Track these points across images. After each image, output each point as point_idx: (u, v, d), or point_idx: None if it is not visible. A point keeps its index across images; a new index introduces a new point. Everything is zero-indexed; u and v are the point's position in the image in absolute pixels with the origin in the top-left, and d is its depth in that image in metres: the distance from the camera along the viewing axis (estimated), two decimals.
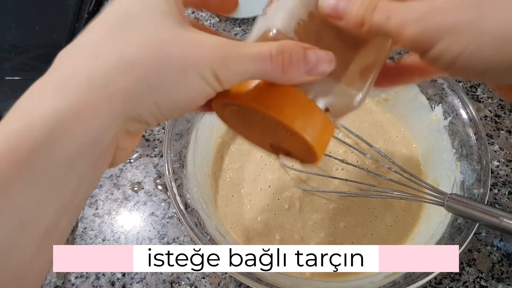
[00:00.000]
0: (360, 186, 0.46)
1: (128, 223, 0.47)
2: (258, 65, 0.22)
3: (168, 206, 0.48)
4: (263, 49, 0.22)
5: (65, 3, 0.62)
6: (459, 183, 0.41)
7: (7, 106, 0.20)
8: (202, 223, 0.38)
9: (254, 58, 0.22)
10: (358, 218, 0.45)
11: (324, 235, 0.44)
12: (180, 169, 0.41)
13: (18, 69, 0.55)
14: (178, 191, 0.39)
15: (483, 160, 0.40)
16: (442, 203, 0.37)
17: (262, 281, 0.35)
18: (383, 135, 0.50)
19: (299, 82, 0.23)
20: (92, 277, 0.43)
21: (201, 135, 0.45)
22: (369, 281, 0.38)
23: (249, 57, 0.22)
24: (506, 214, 0.34)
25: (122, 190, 0.49)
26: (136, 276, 0.43)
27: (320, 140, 0.25)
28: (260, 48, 0.22)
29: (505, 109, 0.55)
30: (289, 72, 0.22)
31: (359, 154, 0.48)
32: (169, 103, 0.21)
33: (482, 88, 0.57)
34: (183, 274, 0.43)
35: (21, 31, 0.60)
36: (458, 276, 0.43)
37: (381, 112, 0.52)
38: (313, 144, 0.24)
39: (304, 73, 0.23)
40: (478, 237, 0.45)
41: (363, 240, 0.44)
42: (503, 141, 0.52)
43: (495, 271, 0.43)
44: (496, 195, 0.48)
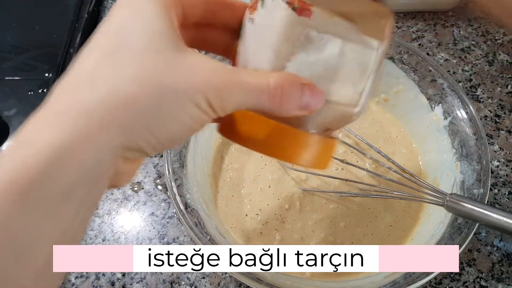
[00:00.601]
0: (360, 186, 0.46)
1: (128, 223, 0.47)
2: (254, 98, 0.22)
3: (168, 206, 0.48)
4: (261, 81, 0.22)
5: (65, 3, 0.62)
6: (459, 183, 0.41)
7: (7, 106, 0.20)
8: (202, 223, 0.38)
9: (251, 90, 0.22)
10: (358, 218, 0.45)
11: (324, 235, 0.44)
12: (180, 169, 0.41)
13: (18, 69, 0.55)
14: (178, 191, 0.39)
15: (483, 160, 0.40)
16: (442, 203, 0.37)
17: (262, 281, 0.35)
18: (383, 135, 0.50)
19: (291, 116, 0.23)
20: (92, 277, 0.43)
21: (201, 135, 0.45)
22: (369, 281, 0.38)
23: (246, 88, 0.22)
24: (506, 214, 0.34)
25: (122, 190, 0.49)
26: (136, 276, 0.43)
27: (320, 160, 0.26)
28: (258, 80, 0.22)
29: (505, 109, 0.55)
30: (284, 107, 0.22)
31: (359, 154, 0.48)
32: (166, 134, 0.21)
33: (482, 88, 0.57)
34: (183, 274, 0.43)
35: (21, 31, 0.60)
36: (458, 276, 0.43)
37: (381, 112, 0.52)
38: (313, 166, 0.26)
39: (298, 108, 0.23)
40: (478, 237, 0.45)
41: (363, 240, 0.44)
42: (503, 141, 0.52)
43: (495, 271, 0.43)
44: (496, 195, 0.48)
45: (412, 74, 0.48)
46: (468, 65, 0.59)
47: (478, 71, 0.58)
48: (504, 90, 0.56)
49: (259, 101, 0.22)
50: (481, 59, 0.59)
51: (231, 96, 0.21)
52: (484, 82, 0.57)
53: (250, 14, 0.24)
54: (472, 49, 0.61)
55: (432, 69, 0.46)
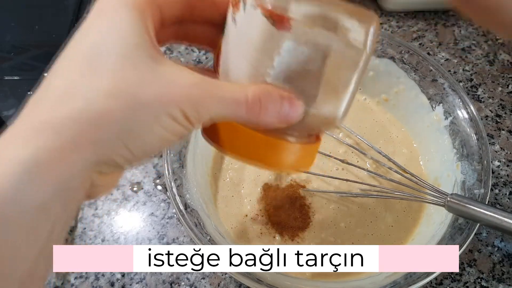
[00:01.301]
0: (361, 187, 0.46)
1: (128, 224, 0.47)
2: (232, 110, 0.22)
3: (168, 206, 0.48)
4: (239, 94, 0.22)
5: (65, 3, 0.62)
6: (460, 183, 0.41)
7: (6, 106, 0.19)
8: (202, 223, 0.38)
9: (229, 102, 0.21)
10: (358, 218, 0.45)
11: (325, 235, 0.44)
12: (180, 169, 0.41)
13: (18, 69, 0.55)
14: (178, 191, 0.39)
15: (484, 160, 0.40)
16: (443, 204, 0.37)
17: (262, 281, 0.35)
18: (384, 135, 0.50)
19: (269, 127, 0.23)
20: (92, 277, 0.43)
21: (201, 135, 0.45)
22: (369, 282, 0.38)
23: (224, 101, 0.21)
24: (507, 215, 0.34)
25: (122, 190, 0.49)
26: (136, 276, 0.43)
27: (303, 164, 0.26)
28: (236, 93, 0.22)
29: (506, 109, 0.55)
30: (262, 119, 0.22)
31: (359, 154, 0.48)
32: (141, 147, 0.21)
33: (483, 88, 0.57)
34: (183, 274, 0.43)
35: (21, 31, 0.60)
36: (458, 276, 0.43)
37: (381, 112, 0.52)
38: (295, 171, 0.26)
39: (277, 120, 0.23)
40: (479, 237, 0.45)
41: (363, 240, 0.43)
42: (504, 141, 0.52)
43: (496, 271, 0.43)
44: (497, 195, 0.48)
45: (412, 74, 0.48)
46: (469, 64, 0.59)
47: (479, 71, 0.58)
48: (505, 90, 0.56)
49: (237, 113, 0.22)
50: (482, 59, 0.59)
51: (207, 109, 0.21)
52: (485, 82, 0.57)
53: (233, 14, 0.23)
54: (473, 48, 0.60)
55: (433, 69, 0.46)
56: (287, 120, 0.23)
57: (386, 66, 0.49)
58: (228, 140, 0.25)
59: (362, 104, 0.52)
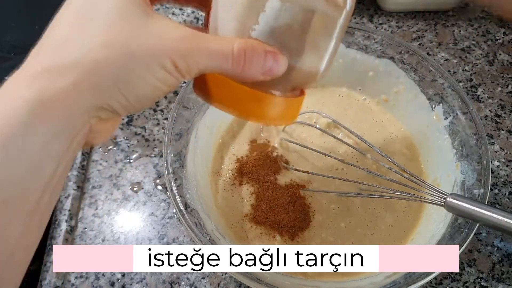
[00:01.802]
0: (361, 186, 0.46)
1: (128, 223, 0.47)
2: (218, 62, 0.23)
3: (168, 206, 0.48)
4: (225, 47, 0.23)
5: None
6: (460, 183, 0.41)
7: None
8: (202, 223, 0.38)
9: (216, 55, 0.23)
10: (358, 218, 0.45)
11: (325, 235, 0.44)
12: (180, 169, 0.41)
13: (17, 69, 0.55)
14: (178, 191, 0.39)
15: (484, 160, 0.40)
16: (442, 203, 0.37)
17: (262, 281, 0.35)
18: (384, 135, 0.50)
19: (252, 80, 0.25)
20: (92, 277, 0.43)
21: (201, 135, 0.45)
22: (369, 281, 0.38)
23: (211, 54, 0.23)
24: (507, 215, 0.34)
25: (122, 190, 0.49)
26: (136, 276, 0.43)
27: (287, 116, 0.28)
28: (222, 46, 0.23)
29: (506, 109, 0.55)
30: (247, 72, 0.24)
31: (359, 154, 0.48)
32: (136, 94, 0.22)
33: (482, 88, 0.57)
34: (183, 274, 0.43)
35: (21, 31, 0.60)
36: (458, 276, 0.43)
37: (381, 112, 0.52)
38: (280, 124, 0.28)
39: (261, 73, 0.24)
40: (479, 237, 0.45)
41: (363, 240, 0.43)
42: (504, 141, 0.52)
43: (495, 271, 0.43)
44: (497, 195, 0.48)
45: (412, 74, 0.48)
46: (468, 65, 0.59)
47: (479, 71, 0.58)
48: (505, 90, 0.56)
49: (223, 65, 0.23)
50: (481, 59, 0.59)
51: (196, 61, 0.23)
52: (485, 82, 0.57)
53: None
54: (473, 49, 0.61)
55: (433, 69, 0.46)
56: (271, 73, 0.24)
57: (386, 66, 0.49)
58: (217, 93, 0.26)
59: (362, 104, 0.52)
